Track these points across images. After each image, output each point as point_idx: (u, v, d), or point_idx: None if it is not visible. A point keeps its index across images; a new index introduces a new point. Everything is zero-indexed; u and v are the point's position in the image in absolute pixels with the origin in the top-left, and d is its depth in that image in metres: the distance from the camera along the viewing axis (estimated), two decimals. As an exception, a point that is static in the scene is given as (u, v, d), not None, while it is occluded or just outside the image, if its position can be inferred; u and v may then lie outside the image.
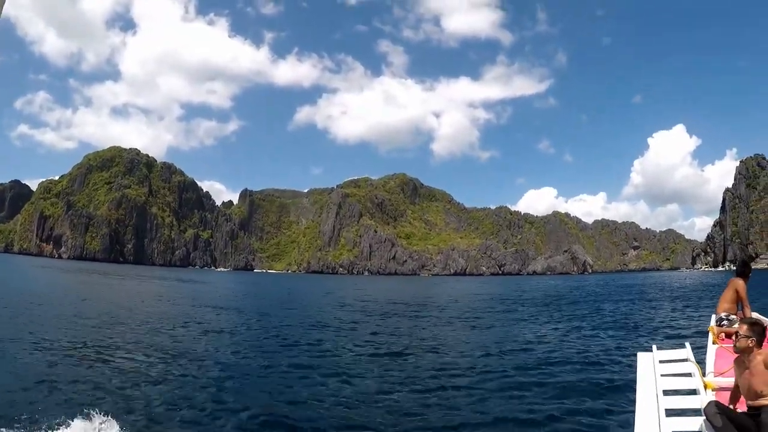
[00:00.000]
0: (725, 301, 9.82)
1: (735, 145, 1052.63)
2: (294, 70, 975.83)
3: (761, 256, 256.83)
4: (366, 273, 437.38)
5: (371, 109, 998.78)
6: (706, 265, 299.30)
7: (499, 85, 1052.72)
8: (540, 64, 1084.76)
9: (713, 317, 9.80)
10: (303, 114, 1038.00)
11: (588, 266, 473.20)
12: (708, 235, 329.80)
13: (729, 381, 6.32)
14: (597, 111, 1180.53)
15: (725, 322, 9.38)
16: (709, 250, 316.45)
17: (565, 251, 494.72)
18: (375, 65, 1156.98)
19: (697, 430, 5.19)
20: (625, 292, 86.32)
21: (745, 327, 5.94)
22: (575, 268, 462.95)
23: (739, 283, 9.80)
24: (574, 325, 36.15)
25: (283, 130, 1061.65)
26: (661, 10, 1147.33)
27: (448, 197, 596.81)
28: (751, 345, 5.78)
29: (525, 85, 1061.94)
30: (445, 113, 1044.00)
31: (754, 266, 56.02)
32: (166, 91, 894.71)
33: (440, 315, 45.37)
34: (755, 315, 9.49)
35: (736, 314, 9.56)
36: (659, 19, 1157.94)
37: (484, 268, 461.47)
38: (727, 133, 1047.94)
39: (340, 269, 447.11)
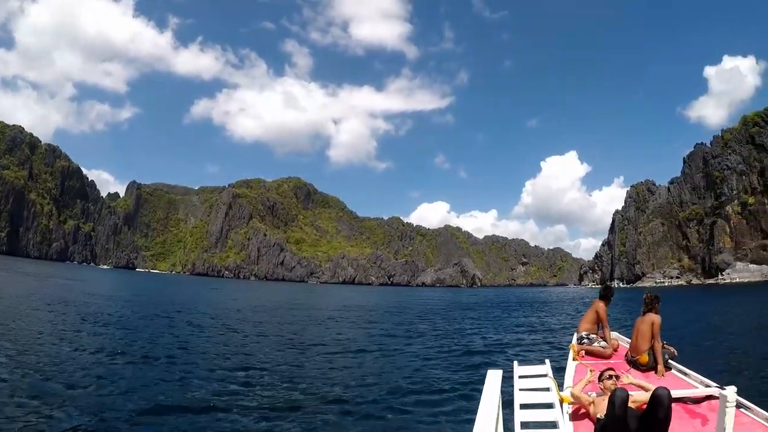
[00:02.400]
0: (586, 321, 11.27)
1: (622, 173, 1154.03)
2: (195, 61, 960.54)
3: (647, 275, 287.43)
4: (253, 278, 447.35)
5: (270, 109, 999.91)
6: (593, 282, 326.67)
7: (401, 97, 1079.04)
8: (442, 80, 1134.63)
9: (575, 335, 11.11)
10: (200, 107, 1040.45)
11: (477, 280, 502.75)
12: (596, 254, 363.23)
13: (584, 397, 7.12)
14: (493, 131, 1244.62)
15: (585, 341, 10.78)
16: (596, 268, 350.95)
17: (455, 264, 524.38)
18: (279, 65, 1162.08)
19: None
20: (513, 306, 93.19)
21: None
22: (464, 281, 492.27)
23: (600, 306, 11.31)
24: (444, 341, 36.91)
25: (179, 122, 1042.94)
26: (564, 39, 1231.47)
27: (341, 205, 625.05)
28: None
29: (426, 100, 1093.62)
30: (345, 120, 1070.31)
31: (640, 284, 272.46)
32: (60, 67, 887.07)
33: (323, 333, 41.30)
34: (614, 334, 11.52)
35: (596, 334, 11.02)
36: (561, 47, 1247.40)
37: (373, 278, 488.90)
38: (616, 162, 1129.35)
39: (226, 272, 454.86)
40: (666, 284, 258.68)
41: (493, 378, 4.78)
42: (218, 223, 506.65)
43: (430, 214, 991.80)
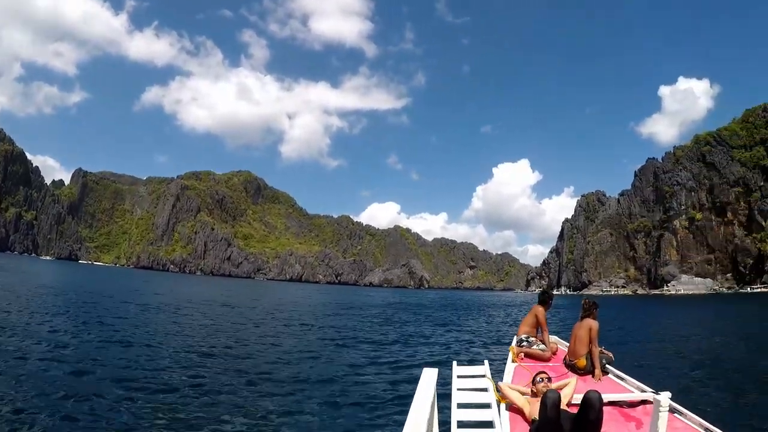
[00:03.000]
0: (526, 324, 11.47)
1: (573, 183, 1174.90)
2: (150, 46, 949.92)
3: (594, 283, 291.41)
4: (199, 273, 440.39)
5: (224, 100, 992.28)
6: (540, 288, 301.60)
7: (357, 95, 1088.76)
8: (399, 81, 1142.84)
9: (515, 338, 11.30)
10: (152, 95, 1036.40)
11: (425, 281, 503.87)
12: (544, 261, 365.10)
13: (519, 398, 7.26)
14: (447, 134, 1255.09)
15: (525, 343, 10.98)
16: (544, 274, 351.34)
17: (403, 265, 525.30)
18: (235, 55, 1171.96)
19: None
20: (458, 308, 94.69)
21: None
22: (412, 283, 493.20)
23: (540, 310, 11.57)
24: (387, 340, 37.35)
25: (129, 109, 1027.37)
26: (523, 48, 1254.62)
27: (291, 201, 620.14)
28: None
29: (382, 99, 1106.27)
30: (299, 116, 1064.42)
31: (587, 292, 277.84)
32: (8, 45, 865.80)
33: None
34: (554, 338, 11.89)
35: (535, 337, 11.27)
36: (520, 56, 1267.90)
37: (320, 276, 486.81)
38: (566, 172, 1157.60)
39: (172, 267, 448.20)
40: (612, 293, 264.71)
41: (428, 376, 4.89)
42: (165, 215, 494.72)
43: (381, 214, 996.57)
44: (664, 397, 5.37)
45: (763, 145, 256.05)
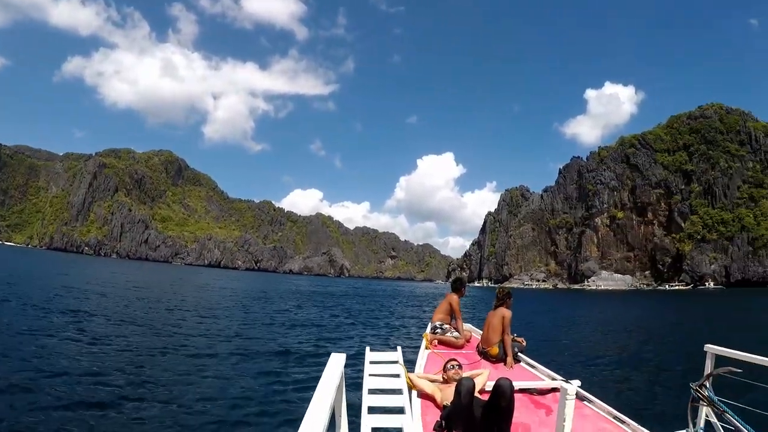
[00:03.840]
0: (440, 312, 11.31)
1: (495, 178, 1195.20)
2: (74, 13, 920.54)
3: (515, 276, 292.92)
4: (114, 256, 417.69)
5: (148, 76, 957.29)
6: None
7: (285, 78, 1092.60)
8: (328, 66, 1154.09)
9: (429, 325, 11.20)
10: (73, 65, 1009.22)
11: (345, 270, 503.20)
12: (466, 252, 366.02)
13: (430, 385, 7.20)
14: (373, 123, 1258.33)
15: (438, 330, 10.86)
16: (465, 266, 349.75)
17: (324, 253, 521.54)
18: (162, 29, 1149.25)
19: (398, 426, 5.85)
20: (377, 297, 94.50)
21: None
22: (332, 271, 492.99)
23: (453, 298, 11.43)
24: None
25: (48, 79, 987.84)
26: (455, 43, 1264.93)
27: (212, 184, 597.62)
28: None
29: (309, 84, 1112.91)
30: (225, 96, 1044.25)
31: (508, 285, 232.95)
32: None
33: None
34: (467, 326, 11.92)
35: (449, 324, 11.13)
36: (451, 50, 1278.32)
37: (240, 262, 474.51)
38: (490, 167, 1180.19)
39: (86, 249, 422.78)
40: (534, 287, 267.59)
41: (336, 361, 4.74)
42: (81, 194, 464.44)
43: (303, 201, 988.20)
44: (571, 385, 5.36)
45: (686, 150, 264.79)
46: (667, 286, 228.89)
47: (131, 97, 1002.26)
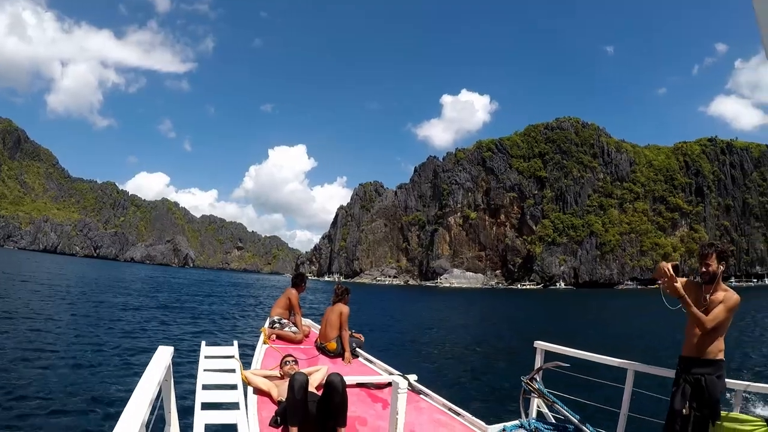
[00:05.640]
0: (279, 306, 11.05)
1: (346, 174, 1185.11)
2: None
3: (366, 272, 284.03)
4: None
5: None
6: (311, 273, 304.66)
7: (140, 51, 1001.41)
8: (186, 43, 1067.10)
9: (268, 320, 10.98)
10: None
11: (190, 260, 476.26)
12: (316, 246, 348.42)
13: (265, 381, 7.17)
14: (227, 108, 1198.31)
15: (277, 325, 10.62)
16: (315, 260, 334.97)
17: (168, 241, 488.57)
18: None
19: (233, 422, 5.67)
20: (221, 289, 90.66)
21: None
22: (176, 260, 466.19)
23: (293, 292, 11.18)
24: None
25: None
26: (321, 34, 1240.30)
27: (53, 160, 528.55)
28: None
29: (166, 60, 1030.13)
30: (74, 64, 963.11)
31: (358, 280, 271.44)
32: None
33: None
34: (307, 321, 11.78)
35: (288, 319, 10.91)
36: (315, 41, 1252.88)
37: (78, 248, 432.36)
38: (341, 162, 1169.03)
39: None
40: (386, 283, 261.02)
41: (162, 355, 4.64)
42: None
43: (148, 185, 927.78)
44: (403, 379, 5.61)
45: (541, 158, 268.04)
46: (519, 285, 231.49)
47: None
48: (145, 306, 45.58)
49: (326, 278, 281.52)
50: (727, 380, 5.69)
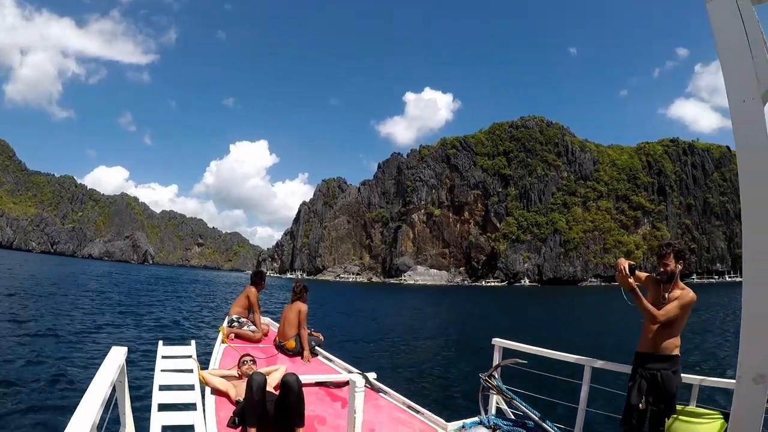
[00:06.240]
0: (238, 305, 10.71)
1: (308, 170, 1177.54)
2: None
3: (328, 269, 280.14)
4: None
5: None
6: (272, 270, 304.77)
7: (102, 41, 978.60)
8: (149, 33, 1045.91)
9: (226, 318, 10.58)
10: None
11: (150, 256, 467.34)
12: (278, 243, 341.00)
13: (223, 381, 7.12)
14: (189, 102, 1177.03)
15: (235, 324, 10.33)
16: (276, 256, 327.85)
17: (127, 237, 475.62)
18: None
19: (190, 423, 5.64)
20: (181, 287, 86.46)
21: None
22: (136, 257, 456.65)
23: (252, 291, 10.85)
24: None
25: None
26: (284, 29, 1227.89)
27: (9, 151, 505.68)
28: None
29: (128, 51, 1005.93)
30: (33, 52, 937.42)
31: (321, 278, 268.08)
32: None
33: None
34: (266, 320, 11.50)
35: (246, 318, 10.61)
36: (279, 36, 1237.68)
37: (34, 244, 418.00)
38: (303, 158, 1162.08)
39: None
40: (350, 280, 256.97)
41: (115, 355, 4.49)
42: None
43: (107, 179, 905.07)
44: (360, 377, 5.60)
45: (506, 156, 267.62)
46: (483, 282, 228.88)
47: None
48: (101, 305, 42.49)
49: (289, 275, 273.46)
50: (683, 375, 5.81)
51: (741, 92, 2.28)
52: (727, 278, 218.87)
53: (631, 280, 5.55)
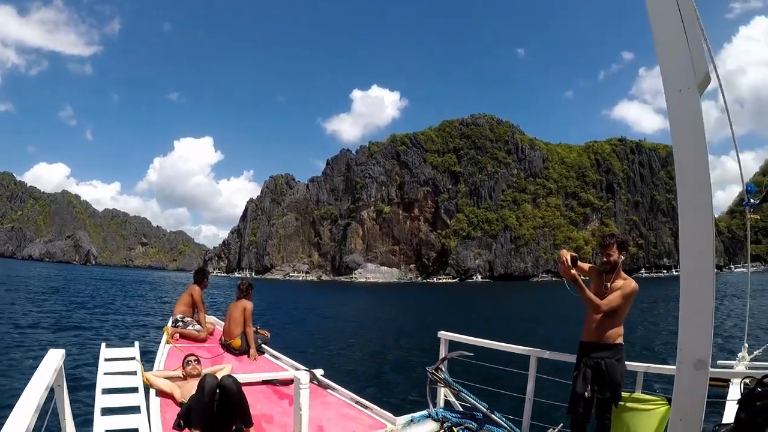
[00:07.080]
0: (182, 304, 10.55)
1: (253, 167, 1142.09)
2: None
3: (277, 267, 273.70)
4: None
5: None
6: (219, 270, 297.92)
7: (43, 30, 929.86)
8: (92, 24, 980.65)
9: (171, 318, 10.47)
10: None
11: (92, 257, 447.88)
12: (224, 241, 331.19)
13: (167, 382, 6.96)
14: (132, 96, 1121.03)
15: (180, 324, 10.13)
16: (223, 255, 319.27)
17: (69, 237, 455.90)
18: None
19: (134, 427, 5.49)
20: (124, 288, 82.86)
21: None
22: (78, 258, 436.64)
23: (196, 289, 10.70)
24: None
25: None
26: (235, 22, 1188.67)
27: None
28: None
29: (70, 42, 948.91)
30: None
31: (270, 276, 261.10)
32: None
33: None
34: (211, 318, 11.29)
35: (191, 317, 10.45)
36: (228, 29, 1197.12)
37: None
38: (248, 155, 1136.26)
39: None
40: (300, 279, 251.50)
41: (52, 358, 4.33)
42: None
43: (48, 176, 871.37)
44: (305, 374, 5.62)
45: (456, 153, 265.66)
46: (435, 279, 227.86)
47: None
48: (40, 309, 40.33)
49: (236, 274, 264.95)
50: (627, 363, 5.90)
51: (677, 82, 2.25)
52: (674, 272, 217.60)
53: (573, 270, 5.63)
